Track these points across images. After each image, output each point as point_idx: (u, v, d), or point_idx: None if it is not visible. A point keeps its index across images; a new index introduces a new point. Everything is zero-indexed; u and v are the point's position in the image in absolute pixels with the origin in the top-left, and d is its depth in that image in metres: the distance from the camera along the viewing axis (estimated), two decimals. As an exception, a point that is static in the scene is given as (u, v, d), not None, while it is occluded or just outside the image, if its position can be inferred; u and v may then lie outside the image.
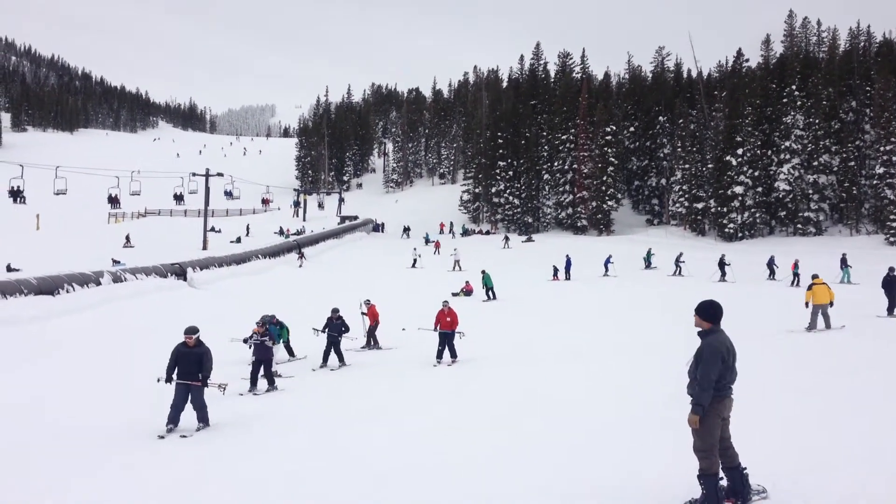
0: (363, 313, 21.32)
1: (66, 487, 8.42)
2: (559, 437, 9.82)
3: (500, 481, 7.81)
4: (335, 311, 18.39)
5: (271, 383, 14.95)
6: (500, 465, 8.53)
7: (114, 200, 54.38)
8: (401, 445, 9.95)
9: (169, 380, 11.34)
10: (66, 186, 44.75)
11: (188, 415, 11.48)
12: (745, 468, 6.48)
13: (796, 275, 35.44)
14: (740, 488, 6.46)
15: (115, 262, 38.30)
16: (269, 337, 15.05)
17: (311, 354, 18.97)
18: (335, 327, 18.07)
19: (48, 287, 26.08)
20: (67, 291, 26.82)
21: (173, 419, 11.17)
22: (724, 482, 6.43)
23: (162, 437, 10.83)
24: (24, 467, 9.39)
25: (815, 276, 20.47)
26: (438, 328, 18.31)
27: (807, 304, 19.95)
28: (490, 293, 33.08)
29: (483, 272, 33.94)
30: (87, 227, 71.64)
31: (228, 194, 66.87)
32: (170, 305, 28.24)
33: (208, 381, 11.38)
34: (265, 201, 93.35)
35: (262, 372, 14.93)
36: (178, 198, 59.52)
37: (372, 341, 20.91)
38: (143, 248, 51.88)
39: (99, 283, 28.87)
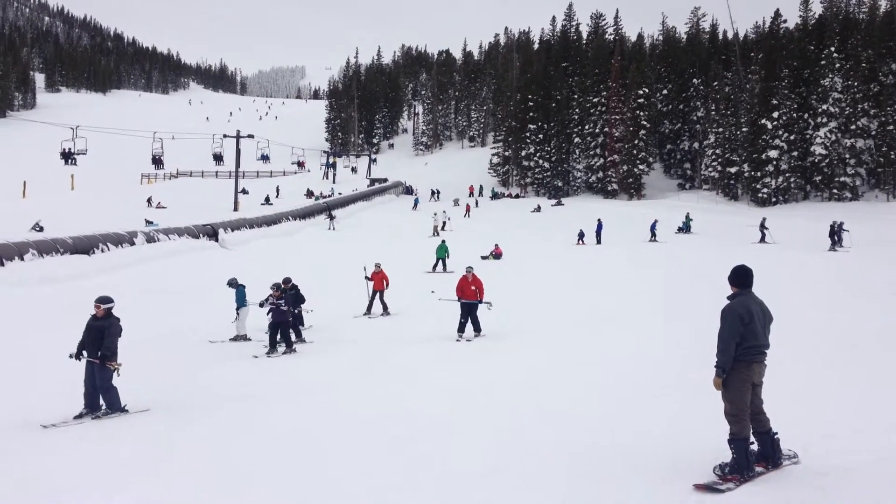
0: (367, 278, 20.11)
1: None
2: (591, 405, 9.84)
3: (538, 441, 7.87)
4: (287, 280, 16.48)
5: (289, 346, 15.01)
6: (540, 426, 8.58)
7: (158, 161, 55.22)
8: (436, 404, 10.02)
9: (78, 356, 9.84)
10: (86, 147, 44.77)
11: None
12: (777, 433, 6.45)
13: None
14: (771, 453, 6.44)
15: (149, 222, 38.73)
16: (284, 300, 15.02)
17: (323, 324, 18.18)
18: (287, 298, 15.79)
19: (83, 247, 26.49)
20: (102, 251, 27.24)
21: (88, 403, 9.79)
22: (755, 446, 6.41)
23: (47, 426, 9.34)
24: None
25: None
26: (461, 298, 16.29)
27: None
28: (441, 264, 30.30)
29: (443, 241, 32.24)
30: (120, 188, 72.38)
31: (265, 158, 67.91)
32: (202, 265, 28.58)
33: (108, 361, 9.59)
34: (300, 164, 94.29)
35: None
36: (218, 157, 60.03)
37: (382, 308, 19.80)
38: (176, 208, 52.40)
39: (133, 244, 29.28)
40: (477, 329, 16.08)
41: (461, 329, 16.00)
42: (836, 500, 5.83)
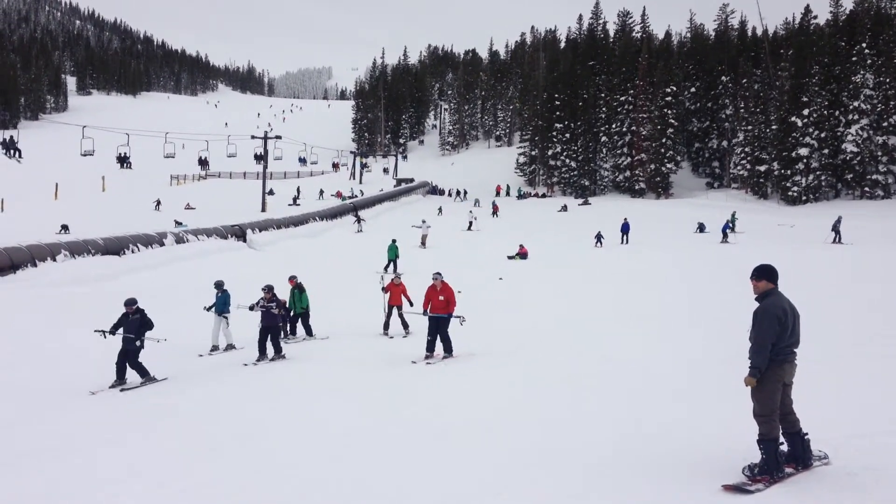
0: (383, 289, 17.16)
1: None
2: (614, 400, 9.79)
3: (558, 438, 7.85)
4: (130, 302, 12.66)
5: (278, 352, 14.17)
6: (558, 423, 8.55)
7: (203, 162, 56.23)
8: (449, 406, 10.02)
9: None
10: (94, 147, 44.97)
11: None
12: (807, 433, 6.39)
13: None
14: (801, 454, 6.37)
15: (178, 223, 39.17)
16: (275, 303, 14.21)
17: (335, 334, 16.64)
18: (131, 325, 12.54)
19: (114, 248, 26.88)
20: (132, 252, 27.62)
21: None
22: (784, 447, 6.35)
23: None
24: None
25: None
26: (429, 311, 13.86)
27: None
28: (392, 266, 29.18)
29: (393, 240, 30.85)
30: (150, 190, 73.13)
31: (303, 161, 69.91)
32: (230, 266, 28.74)
33: None
34: (335, 165, 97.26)
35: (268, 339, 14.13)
36: (259, 157, 60.89)
37: (403, 326, 16.70)
38: (205, 209, 52.90)
39: (162, 244, 29.66)
40: (447, 349, 13.57)
41: (430, 348, 13.51)
42: (867, 500, 5.77)
